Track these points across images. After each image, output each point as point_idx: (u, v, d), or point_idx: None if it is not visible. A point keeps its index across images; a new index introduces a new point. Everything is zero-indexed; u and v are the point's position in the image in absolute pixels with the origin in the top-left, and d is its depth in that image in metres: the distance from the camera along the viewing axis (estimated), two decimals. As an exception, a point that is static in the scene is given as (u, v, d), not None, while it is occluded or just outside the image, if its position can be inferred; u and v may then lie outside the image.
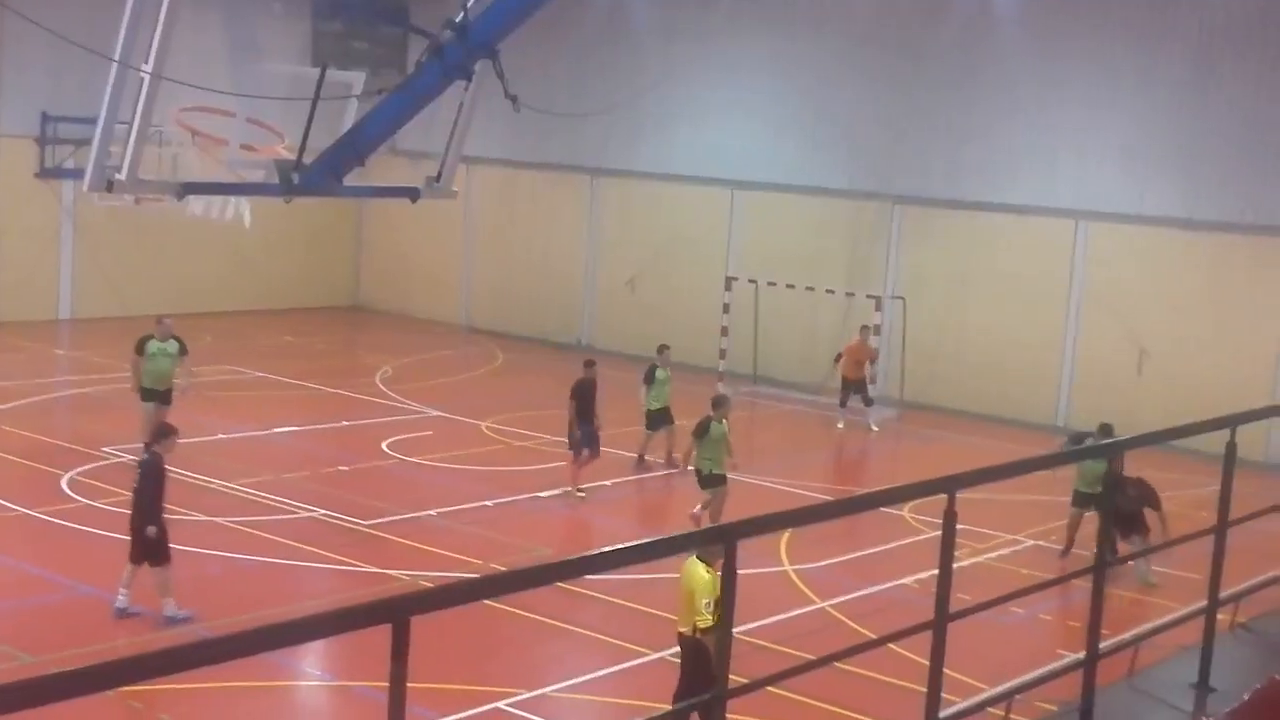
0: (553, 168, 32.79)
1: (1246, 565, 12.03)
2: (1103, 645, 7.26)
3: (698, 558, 10.92)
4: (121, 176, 14.57)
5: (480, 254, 34.54)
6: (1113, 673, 8.05)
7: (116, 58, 14.11)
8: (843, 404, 25.36)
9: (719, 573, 10.62)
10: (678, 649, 11.42)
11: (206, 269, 32.95)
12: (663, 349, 22.01)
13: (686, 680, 10.93)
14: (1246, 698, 6.62)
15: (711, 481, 17.60)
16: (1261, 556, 14.23)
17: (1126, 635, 9.02)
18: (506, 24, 15.65)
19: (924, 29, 27.71)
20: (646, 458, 21.48)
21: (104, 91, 14.40)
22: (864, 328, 25.79)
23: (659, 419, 21.26)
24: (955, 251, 27.65)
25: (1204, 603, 8.00)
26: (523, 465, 21.32)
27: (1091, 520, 16.87)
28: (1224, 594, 8.18)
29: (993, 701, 9.86)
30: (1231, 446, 8.07)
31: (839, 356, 25.61)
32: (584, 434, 19.55)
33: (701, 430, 17.65)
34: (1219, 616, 8.15)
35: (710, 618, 10.46)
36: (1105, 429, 17.63)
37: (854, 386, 25.23)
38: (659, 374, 21.42)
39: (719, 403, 18.18)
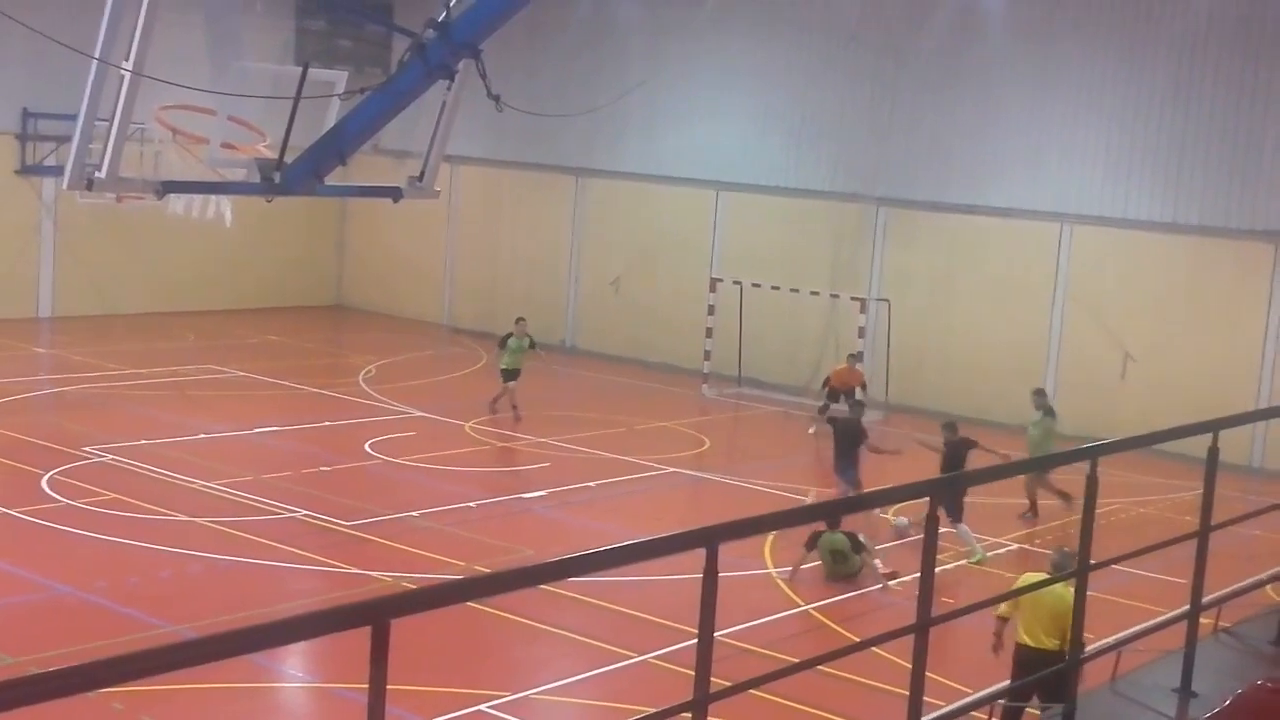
0: (537, 168, 32.74)
1: (1229, 569, 12.05)
2: (1085, 649, 7.25)
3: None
4: (101, 175, 14.46)
5: (464, 254, 34.48)
6: (1095, 677, 8.04)
7: (97, 55, 14.01)
8: (821, 410, 25.03)
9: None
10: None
11: (189, 268, 32.83)
12: (519, 320, 25.10)
13: (1042, 692, 10.60)
14: (1228, 703, 6.61)
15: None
16: (1244, 561, 14.26)
17: (1109, 639, 8.99)
18: (490, 23, 15.58)
19: (909, 31, 27.72)
20: (496, 407, 24.47)
21: (84, 88, 14.30)
22: (850, 355, 25.40)
23: (510, 375, 24.42)
24: (940, 253, 27.67)
25: (1186, 607, 7.99)
26: (505, 466, 21.26)
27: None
28: (1207, 598, 8.17)
29: (976, 705, 9.85)
30: (1214, 450, 8.06)
31: (826, 381, 25.24)
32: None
33: (811, 543, 16.50)
34: (1201, 621, 8.14)
35: None
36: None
37: (840, 394, 24.82)
38: (511, 342, 24.54)
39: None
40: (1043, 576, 10.80)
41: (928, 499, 6.04)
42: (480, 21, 15.48)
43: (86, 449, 20.14)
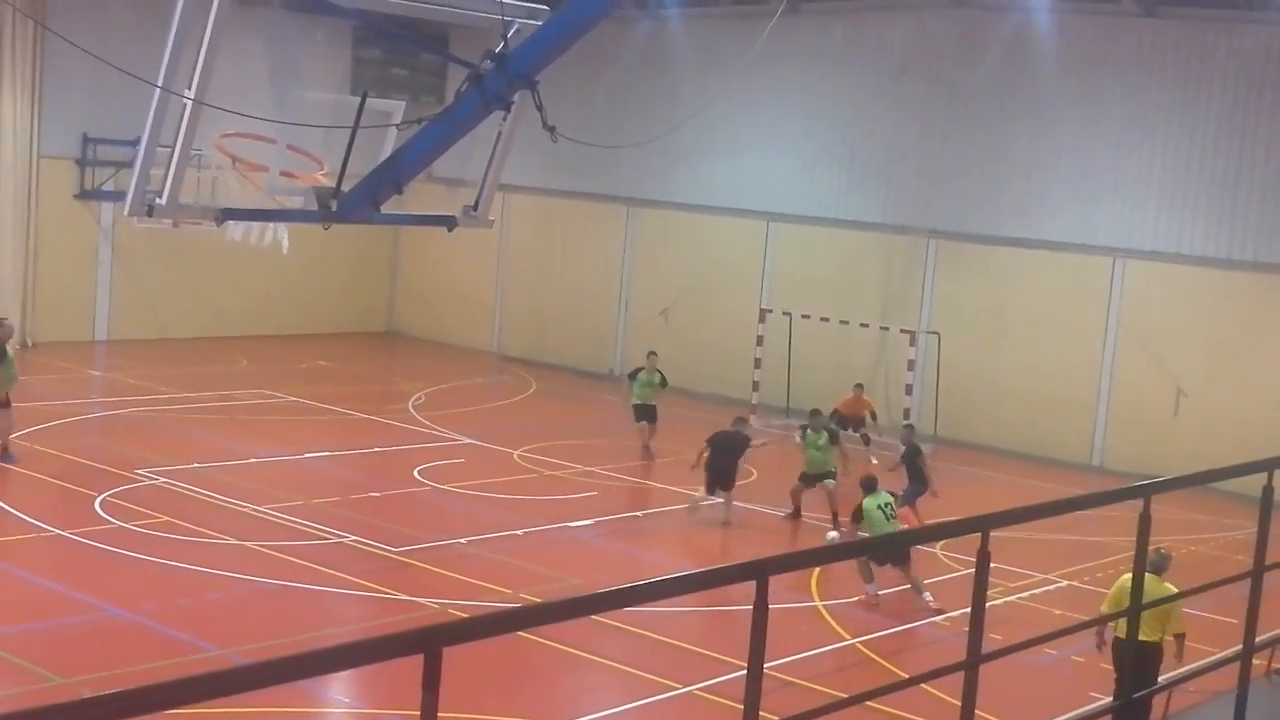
0: (589, 197, 32.88)
1: (1283, 610, 11.90)
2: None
3: (1157, 574, 11.73)
4: (162, 201, 14.66)
5: (515, 282, 34.65)
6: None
7: (160, 83, 14.21)
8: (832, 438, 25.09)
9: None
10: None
11: (243, 293, 33.14)
12: (651, 354, 25.00)
13: (1131, 683, 10.73)
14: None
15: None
16: (1298, 601, 14.08)
17: (1160, 680, 8.93)
18: (546, 55, 15.70)
19: (960, 65, 27.69)
20: (649, 447, 24.14)
21: (146, 116, 14.48)
22: (857, 385, 25.54)
23: (641, 413, 24.35)
24: (990, 287, 27.56)
25: (1239, 647, 7.92)
26: (554, 494, 21.31)
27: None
28: (1259, 639, 8.09)
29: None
30: (1269, 489, 8.00)
31: (835, 411, 25.22)
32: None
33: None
34: (1254, 662, 8.06)
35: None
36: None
37: (850, 423, 25.03)
38: (641, 376, 24.58)
39: None
40: (1162, 581, 11.70)
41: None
42: (537, 53, 15.60)
43: (139, 472, 20.33)
